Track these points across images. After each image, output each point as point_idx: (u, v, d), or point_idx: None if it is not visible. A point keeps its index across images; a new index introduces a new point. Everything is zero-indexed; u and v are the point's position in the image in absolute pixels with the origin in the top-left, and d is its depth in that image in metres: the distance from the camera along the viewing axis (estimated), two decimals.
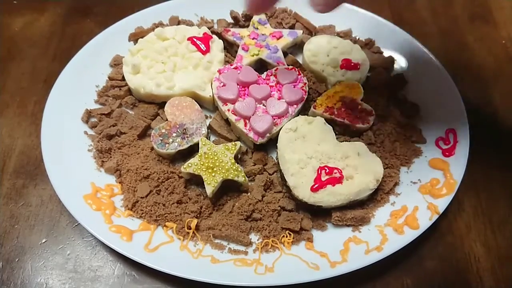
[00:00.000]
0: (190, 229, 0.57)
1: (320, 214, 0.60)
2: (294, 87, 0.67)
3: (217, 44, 0.74)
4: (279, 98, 0.66)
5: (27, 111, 0.73)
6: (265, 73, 0.70)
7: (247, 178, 0.60)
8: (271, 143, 0.66)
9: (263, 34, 0.76)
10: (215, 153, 0.61)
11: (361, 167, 0.60)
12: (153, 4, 0.81)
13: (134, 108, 0.70)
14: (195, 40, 0.73)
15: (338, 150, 0.61)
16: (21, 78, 0.78)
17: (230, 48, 0.78)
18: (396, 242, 0.56)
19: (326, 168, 0.59)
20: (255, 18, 0.78)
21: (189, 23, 0.80)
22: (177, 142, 0.63)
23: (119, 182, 0.62)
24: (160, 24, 0.80)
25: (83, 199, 0.58)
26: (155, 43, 0.73)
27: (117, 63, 0.74)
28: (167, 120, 0.66)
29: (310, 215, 0.60)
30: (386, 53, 0.78)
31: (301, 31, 0.77)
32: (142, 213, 0.59)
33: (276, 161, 0.65)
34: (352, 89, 0.68)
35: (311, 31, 0.80)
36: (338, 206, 0.59)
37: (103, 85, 0.72)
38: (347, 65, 0.71)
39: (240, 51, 0.74)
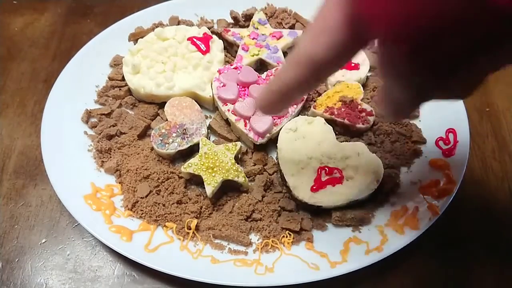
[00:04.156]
0: (190, 229, 0.57)
1: (320, 214, 0.60)
2: None
3: (217, 44, 0.74)
4: None
5: (27, 111, 0.73)
6: (265, 73, 0.70)
7: (247, 179, 0.60)
8: (271, 143, 0.66)
9: (263, 34, 0.76)
10: (215, 153, 0.61)
11: (361, 167, 0.60)
12: (153, 4, 0.81)
13: (134, 108, 0.70)
14: (195, 40, 0.73)
15: (338, 150, 0.61)
16: (21, 78, 0.78)
17: (230, 48, 0.77)
18: (396, 242, 0.56)
19: (326, 168, 0.59)
20: (255, 18, 0.78)
21: (189, 23, 0.80)
22: (177, 142, 0.63)
23: (119, 182, 0.62)
24: (160, 24, 0.79)
25: (83, 199, 0.58)
26: (155, 43, 0.73)
27: (117, 63, 0.74)
28: (167, 120, 0.66)
29: (310, 215, 0.60)
30: None
31: (301, 31, 0.77)
32: (142, 213, 0.59)
33: (276, 161, 0.64)
34: (352, 89, 0.68)
35: None
36: (338, 206, 0.59)
37: (103, 85, 0.72)
38: (347, 65, 0.71)
39: (240, 51, 0.73)
